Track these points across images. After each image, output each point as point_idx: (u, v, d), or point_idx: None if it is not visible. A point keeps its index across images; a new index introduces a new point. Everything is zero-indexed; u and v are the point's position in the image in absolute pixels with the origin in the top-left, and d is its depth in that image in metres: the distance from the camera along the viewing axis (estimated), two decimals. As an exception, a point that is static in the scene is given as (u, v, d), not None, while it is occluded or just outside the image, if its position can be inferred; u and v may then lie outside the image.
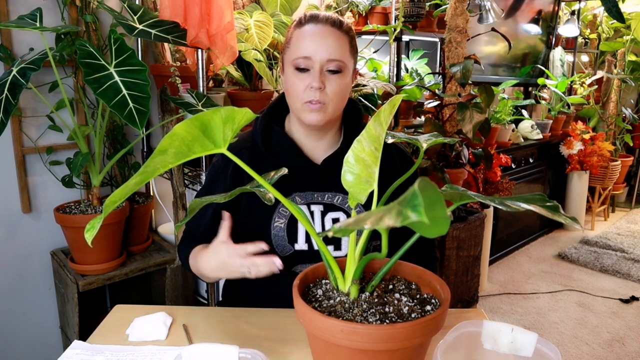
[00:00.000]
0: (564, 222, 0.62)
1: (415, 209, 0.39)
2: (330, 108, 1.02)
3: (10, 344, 1.79)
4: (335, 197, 1.07)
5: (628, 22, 4.04)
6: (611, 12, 1.94)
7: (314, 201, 1.06)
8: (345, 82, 1.03)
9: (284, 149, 1.08)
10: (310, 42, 1.00)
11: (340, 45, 1.01)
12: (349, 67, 1.03)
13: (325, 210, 1.05)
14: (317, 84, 0.99)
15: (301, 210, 0.72)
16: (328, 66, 1.00)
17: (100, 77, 1.32)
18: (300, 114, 1.03)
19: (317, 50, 0.99)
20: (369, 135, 0.72)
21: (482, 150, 2.47)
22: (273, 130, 1.09)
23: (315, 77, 0.99)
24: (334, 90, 1.01)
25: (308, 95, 1.00)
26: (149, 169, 0.61)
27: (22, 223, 1.76)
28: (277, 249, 1.04)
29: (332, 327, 0.61)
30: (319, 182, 1.08)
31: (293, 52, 1.01)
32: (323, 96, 1.00)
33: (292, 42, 1.03)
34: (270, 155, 1.08)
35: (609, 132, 4.30)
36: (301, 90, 1.01)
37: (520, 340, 0.69)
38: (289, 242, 1.03)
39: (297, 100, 1.02)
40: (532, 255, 3.55)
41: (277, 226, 1.04)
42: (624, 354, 2.31)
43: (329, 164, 1.08)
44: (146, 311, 1.01)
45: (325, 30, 1.00)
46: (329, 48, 0.99)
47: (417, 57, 3.02)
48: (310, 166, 1.08)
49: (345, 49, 1.02)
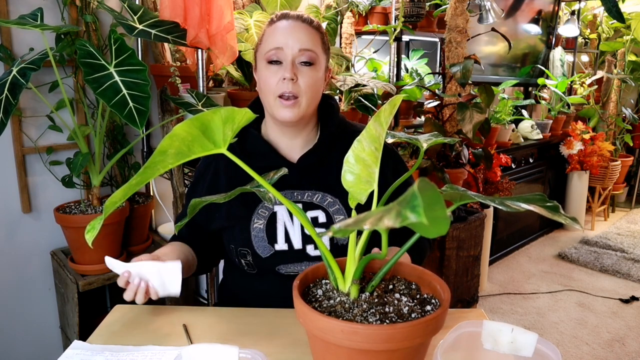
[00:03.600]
0: (564, 222, 0.62)
1: (415, 209, 0.39)
2: (303, 102, 1.02)
3: (10, 344, 1.80)
4: (314, 196, 1.07)
5: (628, 22, 4.04)
6: (611, 12, 1.94)
7: (293, 199, 1.06)
8: (318, 76, 1.03)
9: (259, 150, 1.09)
10: (281, 34, 1.01)
11: (312, 37, 1.02)
12: (321, 61, 1.04)
13: (304, 209, 1.05)
14: (289, 74, 0.99)
15: (301, 210, 0.72)
16: (300, 57, 1.00)
17: (100, 77, 1.32)
18: (274, 110, 1.03)
19: (289, 41, 1.00)
20: (369, 135, 0.72)
21: (482, 150, 2.47)
22: (248, 133, 1.08)
23: (287, 68, 1.00)
24: (306, 82, 1.01)
25: (280, 87, 1.00)
26: (149, 170, 0.61)
27: (22, 223, 1.76)
28: (257, 250, 1.04)
29: (332, 327, 0.61)
30: (297, 180, 1.07)
31: (265, 46, 1.03)
32: (296, 88, 1.00)
33: (264, 39, 1.05)
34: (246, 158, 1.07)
35: (609, 132, 4.30)
36: (273, 83, 1.01)
37: (520, 340, 0.69)
38: (269, 242, 1.04)
39: (270, 94, 1.02)
40: (532, 255, 3.55)
41: (256, 227, 1.05)
42: (624, 354, 2.31)
43: (306, 162, 1.08)
44: (146, 311, 1.01)
45: (296, 24, 1.02)
46: (300, 39, 1.00)
47: (417, 57, 3.02)
48: (287, 166, 1.07)
49: (317, 42, 1.03)
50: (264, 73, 1.03)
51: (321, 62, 1.04)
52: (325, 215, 1.05)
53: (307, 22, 1.04)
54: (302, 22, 1.03)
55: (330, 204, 1.06)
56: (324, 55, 1.06)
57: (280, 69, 1.01)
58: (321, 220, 1.05)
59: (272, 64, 1.01)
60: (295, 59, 1.00)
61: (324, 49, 1.06)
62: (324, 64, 1.06)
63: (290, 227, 1.05)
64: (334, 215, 1.05)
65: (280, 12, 1.06)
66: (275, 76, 1.01)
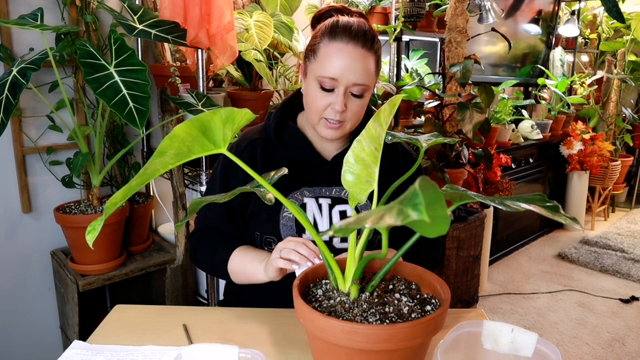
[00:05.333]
0: (564, 222, 0.62)
1: (416, 207, 0.39)
2: (348, 126, 1.03)
3: (10, 344, 1.79)
4: (342, 191, 1.08)
5: (628, 22, 4.04)
6: (611, 12, 1.94)
7: (322, 195, 1.08)
8: (366, 102, 1.03)
9: (296, 143, 1.10)
10: (338, 62, 0.96)
11: (368, 68, 0.99)
12: (371, 88, 1.03)
13: (333, 204, 1.07)
14: (339, 107, 0.98)
15: (302, 211, 0.72)
16: (353, 89, 0.99)
17: (100, 76, 1.32)
18: (317, 126, 1.04)
19: (345, 73, 0.97)
20: (369, 135, 0.72)
21: (482, 150, 2.47)
22: (286, 124, 1.10)
23: (339, 100, 0.98)
24: (354, 111, 1.01)
25: (328, 113, 1.00)
26: (149, 170, 0.61)
27: (22, 223, 1.76)
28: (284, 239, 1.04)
29: (332, 327, 0.61)
30: (327, 177, 1.09)
31: (319, 68, 0.99)
32: (343, 116, 1.01)
33: (319, 55, 0.99)
34: (282, 149, 1.09)
35: (609, 132, 4.30)
36: (322, 107, 1.00)
37: (520, 340, 0.69)
38: (297, 232, 1.04)
39: (316, 114, 1.02)
40: (532, 255, 3.55)
41: (285, 216, 1.05)
42: (624, 354, 2.31)
43: (338, 160, 1.09)
44: (146, 311, 1.01)
45: (356, 52, 0.97)
46: (357, 73, 0.97)
47: (417, 57, 3.02)
48: (321, 161, 1.10)
49: (371, 71, 1.00)
50: (313, 92, 1.01)
51: (372, 88, 1.03)
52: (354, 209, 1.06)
53: (368, 46, 0.98)
54: (362, 48, 0.97)
55: None
56: (375, 78, 1.03)
57: (331, 96, 0.99)
58: (349, 213, 1.06)
59: (324, 89, 0.99)
60: (347, 89, 0.99)
61: (376, 72, 1.04)
62: (374, 86, 1.05)
63: (319, 219, 1.06)
64: (362, 209, 1.07)
65: (342, 23, 0.99)
66: (324, 100, 0.99)
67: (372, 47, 1.00)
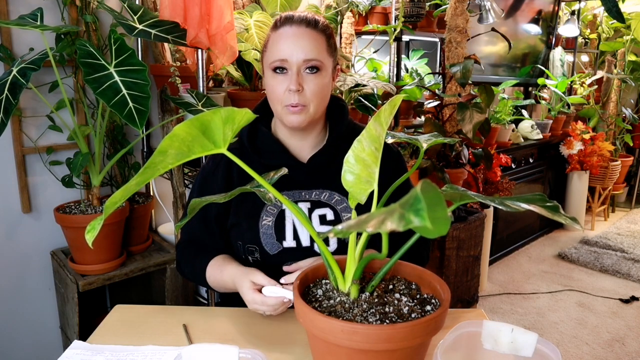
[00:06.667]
0: (564, 222, 0.62)
1: (418, 213, 0.39)
2: (311, 109, 1.02)
3: (10, 344, 1.79)
4: (322, 194, 1.07)
5: (628, 22, 4.04)
6: (611, 12, 1.94)
7: (301, 199, 1.07)
8: (324, 82, 1.02)
9: (270, 148, 1.09)
10: (285, 44, 0.99)
11: (317, 44, 1.00)
12: (327, 66, 1.03)
13: (313, 207, 1.06)
14: (294, 86, 0.98)
15: (302, 211, 0.72)
16: (304, 66, 1.00)
17: (100, 77, 1.32)
18: (282, 116, 1.03)
19: (293, 51, 0.99)
20: (369, 135, 0.72)
21: (482, 150, 2.47)
22: (259, 130, 1.09)
23: (292, 79, 0.99)
24: (312, 90, 1.00)
25: (287, 98, 1.00)
26: (149, 170, 0.61)
27: (22, 223, 1.76)
28: (265, 247, 1.04)
29: (332, 327, 0.61)
30: (306, 180, 1.08)
31: (270, 56, 1.01)
32: (302, 98, 1.00)
33: (268, 46, 1.03)
34: (257, 155, 1.08)
35: (609, 132, 4.30)
36: (280, 92, 1.00)
37: (520, 340, 0.69)
38: (277, 239, 1.04)
39: (278, 103, 1.02)
40: (532, 255, 3.55)
41: (265, 224, 1.05)
42: (624, 354, 2.31)
43: (315, 162, 1.08)
44: (146, 311, 1.01)
45: (299, 31, 1.00)
46: (304, 48, 0.99)
47: (417, 57, 3.02)
48: (297, 165, 1.08)
49: (322, 48, 1.01)
50: (270, 81, 1.02)
51: (327, 67, 1.03)
52: (333, 212, 1.06)
53: (312, 25, 1.01)
54: (306, 27, 1.00)
55: (338, 202, 1.06)
56: (330, 58, 1.04)
57: (285, 78, 1.00)
58: (329, 217, 1.05)
59: (278, 72, 1.01)
60: (300, 68, 0.99)
61: (330, 52, 1.04)
62: (331, 66, 1.05)
63: (299, 224, 1.05)
64: (342, 213, 1.06)
65: (284, 14, 1.03)
66: (281, 85, 1.00)
67: (316, 26, 1.02)
